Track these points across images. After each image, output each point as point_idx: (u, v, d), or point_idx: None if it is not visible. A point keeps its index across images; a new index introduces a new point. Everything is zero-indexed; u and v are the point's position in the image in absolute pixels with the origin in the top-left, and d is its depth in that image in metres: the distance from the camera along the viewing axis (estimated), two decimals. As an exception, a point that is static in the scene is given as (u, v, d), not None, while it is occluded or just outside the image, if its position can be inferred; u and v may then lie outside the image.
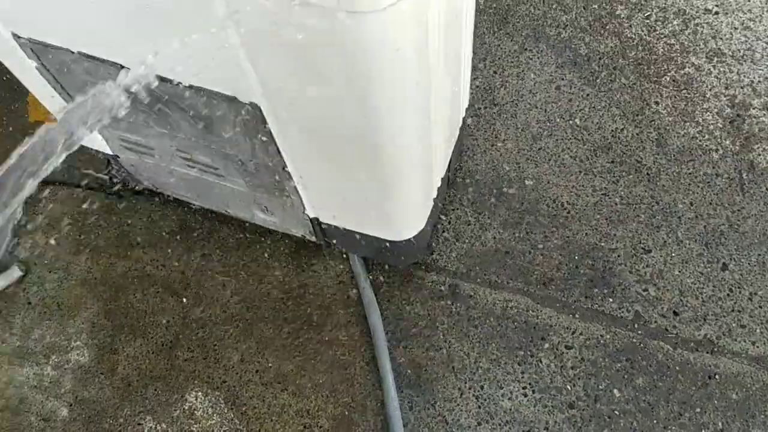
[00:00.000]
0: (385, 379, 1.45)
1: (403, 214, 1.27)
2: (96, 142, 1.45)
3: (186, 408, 1.48)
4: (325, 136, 1.03)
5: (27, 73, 1.19)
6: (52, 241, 1.67)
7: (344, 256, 1.60)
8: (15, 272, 1.61)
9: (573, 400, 1.44)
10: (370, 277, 1.57)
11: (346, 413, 1.46)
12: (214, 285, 1.59)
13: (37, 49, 1.09)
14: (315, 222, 1.42)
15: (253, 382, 1.50)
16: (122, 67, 1.05)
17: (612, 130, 1.69)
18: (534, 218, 1.61)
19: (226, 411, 1.48)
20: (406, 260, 1.54)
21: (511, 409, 1.44)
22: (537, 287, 1.54)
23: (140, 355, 1.54)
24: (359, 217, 1.31)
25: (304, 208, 1.35)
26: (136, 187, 1.64)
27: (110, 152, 1.47)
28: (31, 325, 1.59)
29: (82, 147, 1.74)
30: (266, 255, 1.62)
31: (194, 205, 1.66)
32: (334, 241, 1.50)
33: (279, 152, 1.14)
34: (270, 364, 1.51)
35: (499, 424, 1.43)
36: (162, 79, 1.04)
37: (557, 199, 1.63)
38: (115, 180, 1.65)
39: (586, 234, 1.59)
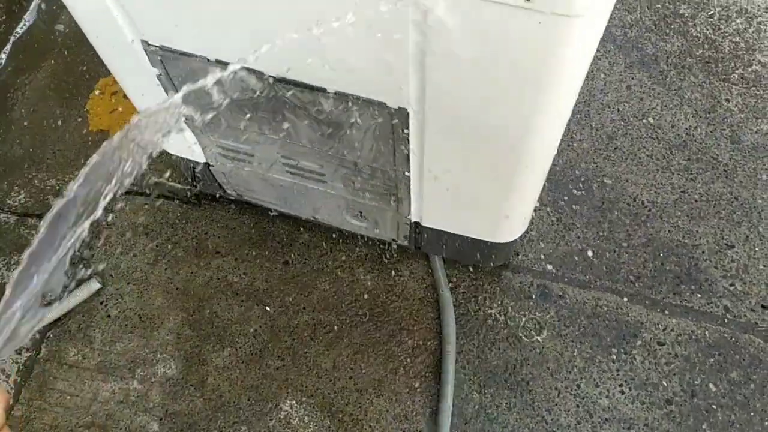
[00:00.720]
0: (444, 384, 1.45)
1: (518, 216, 1.28)
2: (188, 150, 1.42)
3: (281, 417, 1.46)
4: (471, 140, 1.02)
5: (143, 81, 1.17)
6: (129, 252, 1.64)
7: (426, 259, 1.60)
8: (93, 285, 1.57)
9: (670, 396, 1.45)
10: (455, 279, 1.57)
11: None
12: (299, 292, 1.58)
13: (165, 57, 1.07)
14: (414, 226, 1.41)
15: (348, 388, 1.49)
16: (263, 75, 1.03)
17: (685, 128, 1.71)
18: (616, 216, 1.63)
19: (322, 419, 1.46)
20: (495, 262, 1.54)
21: (609, 407, 1.45)
22: (625, 285, 1.55)
23: (230, 365, 1.51)
24: (470, 221, 1.31)
25: (408, 212, 1.35)
26: (218, 195, 1.62)
27: (202, 160, 1.45)
28: (112, 338, 1.55)
29: (160, 155, 1.71)
30: (350, 261, 1.61)
31: (272, 211, 1.64)
32: (425, 245, 1.50)
33: (408, 156, 1.13)
34: (363, 370, 1.50)
35: (599, 422, 1.43)
36: (301, 86, 1.03)
37: (637, 197, 1.64)
38: (193, 189, 1.62)
39: (669, 231, 1.60)
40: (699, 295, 1.54)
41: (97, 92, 1.86)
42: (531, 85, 0.86)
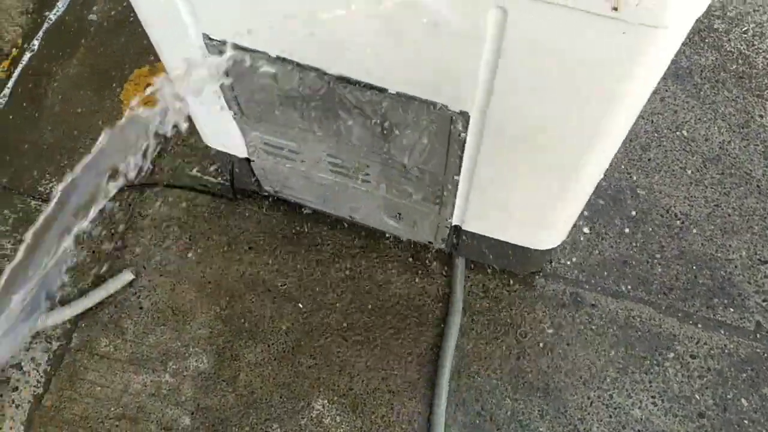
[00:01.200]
0: (437, 395, 1.45)
1: (562, 225, 1.28)
2: (229, 145, 1.42)
3: (313, 416, 1.46)
4: (531, 147, 1.02)
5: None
6: (162, 245, 1.63)
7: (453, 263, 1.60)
8: (126, 276, 1.57)
9: (702, 410, 1.46)
10: (488, 284, 1.57)
11: (477, 422, 1.45)
12: (332, 291, 1.57)
13: (225, 52, 1.07)
14: (453, 230, 1.42)
15: (380, 389, 1.49)
16: (325, 74, 1.03)
17: (719, 142, 1.71)
18: (649, 228, 1.63)
19: (354, 419, 1.46)
20: (531, 268, 1.54)
21: (642, 419, 1.45)
22: (658, 297, 1.56)
23: (262, 361, 1.51)
24: (514, 227, 1.31)
25: (450, 215, 1.35)
26: (259, 191, 1.61)
27: (243, 155, 1.44)
28: (144, 331, 1.55)
29: (195, 149, 1.71)
30: (382, 261, 1.61)
31: (306, 209, 1.64)
32: (462, 249, 1.50)
33: (461, 161, 1.13)
34: (395, 372, 1.50)
35: (631, 433, 1.44)
36: (362, 85, 1.03)
37: (670, 209, 1.65)
38: (229, 184, 1.62)
39: (702, 244, 1.61)
40: (731, 310, 1.54)
41: (131, 83, 1.86)
42: (604, 95, 0.86)
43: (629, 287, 1.57)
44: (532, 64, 0.85)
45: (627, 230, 1.63)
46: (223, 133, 1.38)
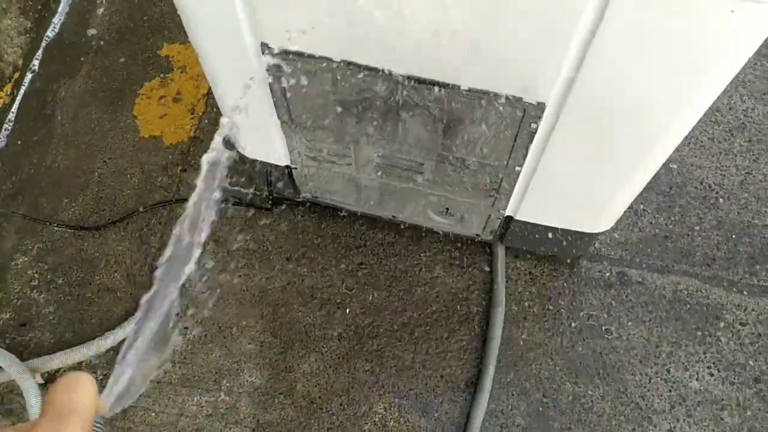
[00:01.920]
0: (480, 391, 1.45)
1: (623, 205, 1.27)
2: (270, 153, 1.39)
3: (377, 420, 1.45)
4: (604, 135, 1.02)
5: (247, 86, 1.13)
6: (198, 261, 1.59)
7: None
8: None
9: (758, 375, 1.48)
10: (535, 272, 1.57)
11: (540, 409, 1.45)
12: (378, 293, 1.55)
13: (283, 60, 1.04)
14: (504, 220, 1.40)
15: (440, 386, 1.47)
16: (391, 75, 1.01)
17: (743, 110, 1.73)
18: (685, 201, 1.64)
19: (418, 419, 1.45)
20: (579, 252, 1.54)
21: (700, 390, 1.47)
22: (702, 268, 1.57)
23: (317, 370, 1.49)
24: (572, 213, 1.31)
25: (504, 206, 1.34)
26: (295, 198, 1.58)
27: (284, 163, 1.41)
28: (192, 351, 1.51)
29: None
30: (426, 258, 1.59)
31: (342, 212, 1.61)
32: (510, 238, 1.49)
33: (527, 152, 1.12)
34: (454, 369, 1.49)
35: (692, 405, 1.45)
36: (432, 83, 1.01)
37: (703, 180, 1.66)
38: (257, 193, 1.58)
39: (738, 213, 1.63)
40: (774, 274, 1.56)
41: (143, 97, 1.80)
42: (698, 73, 0.85)
43: (673, 261, 1.58)
44: (625, 47, 0.83)
45: (664, 205, 1.64)
46: (265, 143, 1.35)
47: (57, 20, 1.94)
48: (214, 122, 1.77)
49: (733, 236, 1.60)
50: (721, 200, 1.64)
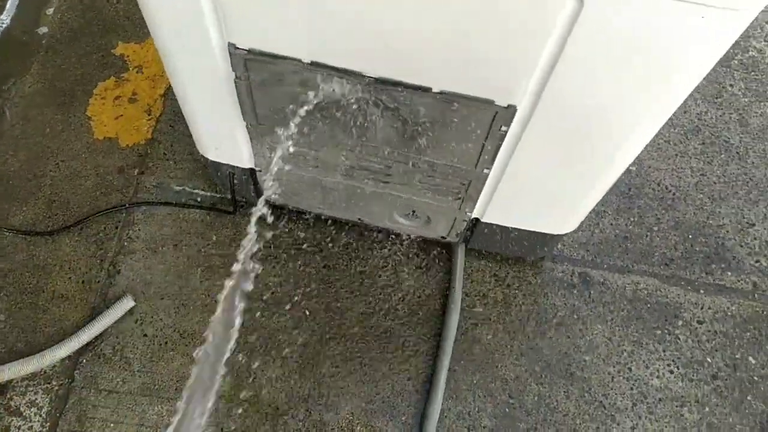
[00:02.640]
0: (434, 388, 1.45)
1: (588, 206, 1.29)
2: (233, 156, 1.36)
3: (344, 425, 1.43)
4: (573, 138, 1.03)
5: (213, 85, 1.10)
6: (158, 267, 1.55)
7: (470, 256, 1.60)
8: (127, 302, 1.48)
9: (715, 372, 1.52)
10: (500, 273, 1.58)
11: (507, 410, 1.46)
12: (345, 296, 1.54)
13: (251, 60, 1.01)
14: (471, 222, 1.41)
15: (407, 390, 1.47)
16: (363, 77, 0.99)
17: (697, 114, 1.78)
18: (643, 202, 1.68)
19: (385, 423, 1.43)
20: (542, 253, 1.56)
21: (661, 387, 1.50)
22: (660, 268, 1.61)
23: (283, 376, 1.46)
24: (538, 215, 1.32)
25: (471, 209, 1.34)
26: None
27: (248, 166, 1.38)
28: (152, 359, 1.47)
29: (180, 162, 1.63)
30: (391, 260, 1.58)
31: (308, 215, 1.59)
32: (475, 240, 1.49)
33: (495, 154, 1.12)
34: (420, 371, 1.48)
35: (654, 403, 1.48)
36: (403, 86, 1.00)
37: (660, 182, 1.70)
38: (218, 195, 1.55)
39: (694, 213, 1.67)
40: (729, 273, 1.61)
41: (97, 97, 1.74)
42: (666, 78, 0.87)
43: (633, 262, 1.61)
44: (597, 52, 0.84)
45: (623, 206, 1.67)
46: (228, 144, 1.32)
47: (5, 17, 1.87)
48: (172, 123, 1.73)
49: (690, 236, 1.64)
50: (677, 201, 1.68)
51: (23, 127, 1.72)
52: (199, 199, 1.62)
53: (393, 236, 1.59)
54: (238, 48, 1.00)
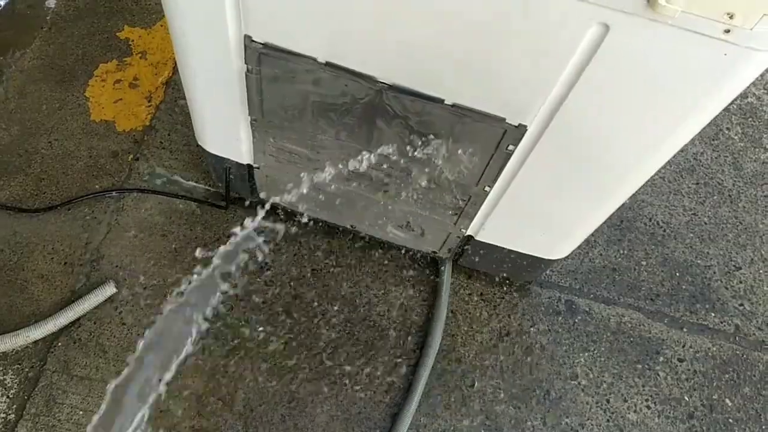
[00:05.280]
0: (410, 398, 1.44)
1: (584, 233, 1.29)
2: (233, 150, 1.34)
3: (318, 433, 1.41)
4: (579, 163, 1.03)
5: (224, 77, 1.09)
6: (143, 255, 1.52)
7: (461, 273, 1.59)
8: (108, 288, 1.45)
9: (692, 411, 1.52)
10: (488, 294, 1.57)
11: (483, 430, 1.45)
12: (328, 302, 1.52)
13: (265, 55, 1.00)
14: (464, 240, 1.40)
15: (385, 401, 1.45)
16: (377, 82, 0.99)
17: (693, 153, 1.80)
18: (634, 236, 1.68)
19: (355, 427, 1.42)
20: (531, 277, 1.56)
21: (637, 422, 1.50)
22: (646, 302, 1.61)
23: (260, 378, 1.44)
24: (532, 238, 1.31)
25: (466, 226, 1.33)
26: (251, 198, 1.53)
27: (245, 161, 1.37)
28: (129, 349, 1.44)
29: (177, 152, 1.61)
30: (380, 271, 1.57)
31: (298, 217, 1.58)
32: (466, 258, 1.49)
33: (499, 173, 1.12)
34: (398, 383, 1.47)
35: (629, 436, 1.48)
36: (416, 95, 0.99)
37: (652, 217, 1.71)
38: (212, 189, 1.53)
39: (683, 252, 1.68)
40: (713, 314, 1.62)
41: (97, 79, 1.72)
42: (681, 112, 0.87)
43: (619, 294, 1.62)
44: (615, 79, 0.84)
45: (614, 238, 1.67)
46: (229, 138, 1.30)
47: (11, -11, 1.84)
48: (171, 113, 1.71)
49: (677, 274, 1.65)
50: (667, 238, 1.69)
51: (18, 101, 1.69)
52: (191, 191, 1.60)
53: (386, 246, 1.58)
54: (254, 41, 0.99)
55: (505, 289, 1.59)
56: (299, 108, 1.11)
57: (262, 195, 1.49)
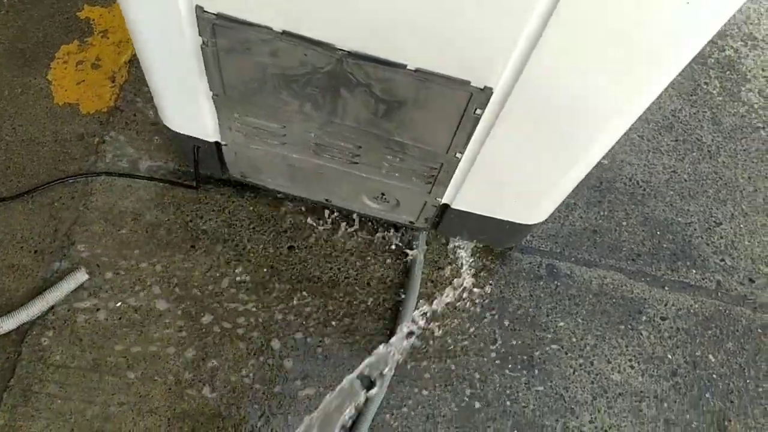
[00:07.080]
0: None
1: (557, 199, 1.27)
2: (197, 128, 1.31)
3: (301, 410, 1.40)
4: (548, 125, 1.00)
5: (179, 51, 1.05)
6: (114, 240, 1.49)
7: (438, 241, 1.57)
8: (80, 275, 1.42)
9: (675, 368, 1.52)
10: (472, 260, 1.56)
11: (467, 399, 1.44)
12: (307, 278, 1.50)
13: (218, 26, 0.97)
14: (440, 208, 1.38)
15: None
16: (336, 49, 0.95)
17: (671, 110, 1.77)
18: (614, 196, 1.67)
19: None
20: (512, 242, 1.54)
21: (621, 382, 1.49)
22: (627, 263, 1.60)
23: (239, 358, 1.42)
24: (508, 204, 1.29)
25: (441, 194, 1.31)
26: (223, 176, 1.50)
27: (212, 139, 1.33)
28: (105, 335, 1.41)
29: (143, 133, 1.57)
30: (359, 244, 1.55)
31: (279, 194, 1.55)
32: (444, 227, 1.47)
33: (468, 139, 1.09)
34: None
35: (613, 397, 1.48)
36: (377, 62, 0.96)
37: (632, 177, 1.69)
38: (182, 169, 1.50)
39: (663, 210, 1.67)
40: (694, 271, 1.61)
41: (59, 61, 1.67)
42: (651, 63, 0.85)
43: (600, 256, 1.60)
44: (579, 36, 0.82)
45: (594, 200, 1.66)
46: (193, 116, 1.27)
47: (-37, -29, 1.77)
48: (136, 92, 1.66)
49: (658, 233, 1.64)
50: (647, 197, 1.67)
51: (-22, 87, 1.64)
52: (161, 172, 1.57)
53: (362, 219, 1.56)
54: (206, 11, 0.95)
55: (485, 257, 1.57)
56: (259, 81, 1.08)
57: (234, 173, 1.46)
